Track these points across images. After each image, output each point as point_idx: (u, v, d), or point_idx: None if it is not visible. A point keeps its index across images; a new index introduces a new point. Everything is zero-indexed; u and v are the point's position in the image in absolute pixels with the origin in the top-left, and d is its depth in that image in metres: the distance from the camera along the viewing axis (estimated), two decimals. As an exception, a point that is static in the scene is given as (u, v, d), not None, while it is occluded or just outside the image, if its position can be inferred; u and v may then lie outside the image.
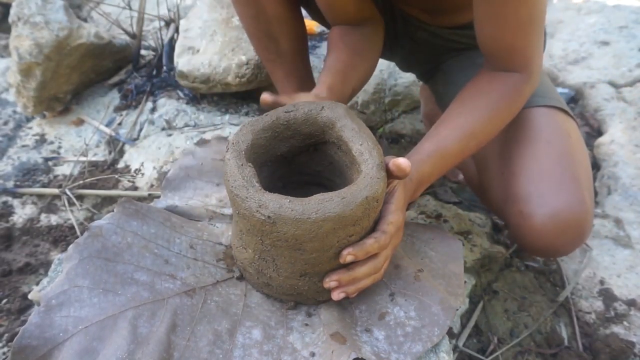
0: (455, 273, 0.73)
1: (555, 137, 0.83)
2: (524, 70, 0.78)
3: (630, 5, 1.84)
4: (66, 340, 0.59)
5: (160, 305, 0.64)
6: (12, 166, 1.39)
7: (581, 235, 0.80)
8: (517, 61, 0.77)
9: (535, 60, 0.78)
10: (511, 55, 0.77)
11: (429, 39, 1.03)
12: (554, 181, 0.79)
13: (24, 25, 1.37)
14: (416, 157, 0.73)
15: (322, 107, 0.68)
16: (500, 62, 0.79)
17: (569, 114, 0.89)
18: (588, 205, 0.78)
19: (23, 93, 1.45)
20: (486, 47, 0.79)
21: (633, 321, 0.98)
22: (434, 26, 1.00)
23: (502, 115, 0.79)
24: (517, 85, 0.78)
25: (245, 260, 0.68)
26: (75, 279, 0.64)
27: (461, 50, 1.02)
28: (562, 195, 0.78)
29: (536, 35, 0.76)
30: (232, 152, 0.64)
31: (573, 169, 0.80)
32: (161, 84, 1.58)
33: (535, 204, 0.78)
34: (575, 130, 0.87)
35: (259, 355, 0.62)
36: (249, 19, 1.01)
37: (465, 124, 0.76)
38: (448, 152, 0.75)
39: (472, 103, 0.78)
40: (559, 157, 0.81)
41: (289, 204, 0.58)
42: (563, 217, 0.77)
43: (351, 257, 0.61)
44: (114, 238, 0.70)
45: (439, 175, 0.78)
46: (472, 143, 0.77)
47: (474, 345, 0.96)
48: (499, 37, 0.76)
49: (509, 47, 0.76)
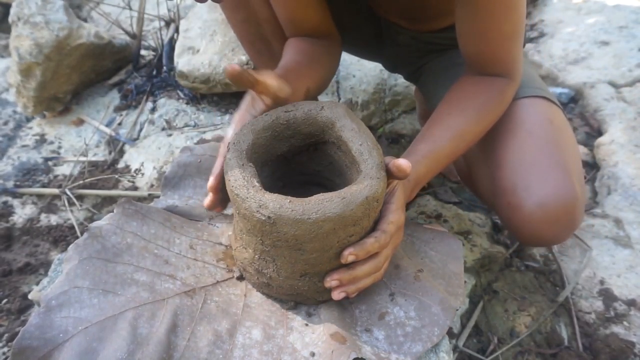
0: (455, 273, 0.73)
1: (537, 126, 0.83)
2: (506, 75, 0.81)
3: (630, 5, 1.84)
4: (66, 341, 0.59)
5: (160, 305, 0.64)
6: (12, 166, 1.39)
7: (572, 222, 0.79)
8: (500, 69, 0.81)
9: (517, 66, 0.82)
10: (494, 65, 0.80)
11: (411, 42, 1.04)
12: (539, 170, 0.78)
13: (24, 25, 1.37)
14: (412, 158, 0.73)
15: (322, 107, 0.68)
16: (483, 70, 0.81)
17: (551, 100, 0.88)
18: (577, 192, 0.77)
19: (23, 93, 1.45)
20: (470, 58, 0.82)
21: (633, 321, 0.98)
22: (414, 31, 1.01)
23: (489, 117, 0.81)
24: (501, 89, 0.81)
25: (245, 260, 0.68)
26: (75, 279, 0.64)
27: (443, 51, 1.03)
28: (549, 184, 0.77)
29: (518, 45, 0.79)
30: (233, 152, 0.64)
31: (558, 157, 0.79)
32: (161, 84, 1.58)
33: (522, 195, 0.78)
34: (559, 117, 0.86)
35: (259, 355, 0.62)
36: (239, 23, 1.01)
37: (455, 125, 0.77)
38: (441, 152, 0.76)
39: (460, 105, 0.80)
40: (542, 146, 0.80)
41: (289, 204, 0.58)
42: (551, 206, 0.76)
43: (352, 257, 0.61)
44: (113, 239, 0.70)
45: (432, 176, 0.78)
46: (462, 144, 0.78)
47: (474, 345, 0.96)
48: (483, 51, 0.79)
49: (493, 58, 0.79)
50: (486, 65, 0.81)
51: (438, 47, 1.03)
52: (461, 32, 0.80)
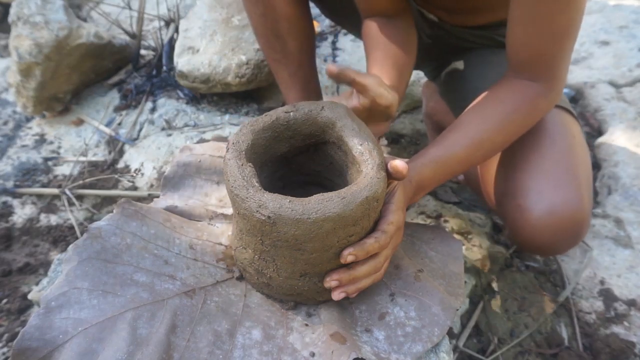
0: (455, 273, 0.73)
1: (559, 136, 0.83)
2: (546, 81, 0.76)
3: (630, 5, 1.84)
4: (66, 342, 0.58)
5: (160, 306, 0.64)
6: (11, 166, 1.39)
7: (578, 234, 0.80)
8: (542, 70, 0.75)
9: (560, 73, 0.76)
10: (537, 63, 0.75)
11: (444, 37, 1.03)
12: (554, 178, 0.79)
13: (23, 25, 1.37)
14: (419, 161, 0.73)
15: (322, 107, 0.68)
16: (524, 69, 0.76)
17: (574, 115, 0.89)
18: (586, 205, 0.78)
19: (23, 93, 1.45)
20: (513, 51, 0.77)
21: (633, 321, 0.98)
22: (451, 25, 0.99)
23: (514, 128, 0.77)
24: (535, 98, 0.76)
25: (245, 261, 0.68)
26: (74, 280, 0.64)
27: (473, 49, 1.02)
28: (561, 193, 0.77)
29: (567, 46, 0.73)
30: (232, 152, 0.64)
31: (574, 169, 0.80)
32: (161, 84, 1.58)
33: (533, 199, 0.78)
34: (579, 132, 0.87)
35: (259, 355, 0.62)
36: (257, 17, 1.01)
37: (473, 133, 0.75)
38: (452, 159, 0.74)
39: (485, 111, 0.77)
40: (562, 156, 0.81)
41: (289, 204, 0.58)
42: (560, 214, 0.77)
43: (352, 257, 0.61)
44: (113, 239, 0.70)
45: (441, 181, 0.77)
46: (479, 153, 0.76)
47: (474, 346, 0.96)
48: (529, 43, 0.73)
49: (537, 54, 0.74)
50: (527, 63, 0.75)
51: (470, 45, 1.02)
52: (511, 18, 0.74)
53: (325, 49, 1.76)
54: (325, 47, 1.77)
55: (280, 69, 1.06)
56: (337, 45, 1.77)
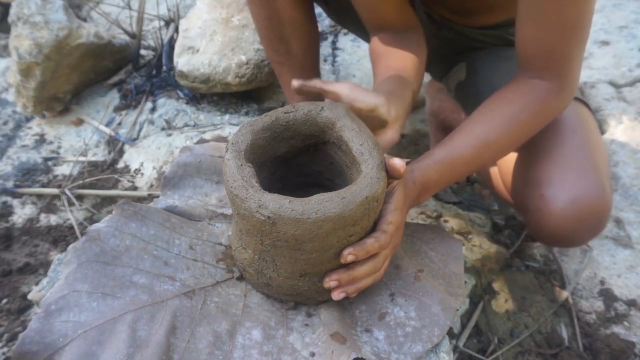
0: (455, 273, 0.73)
1: (579, 127, 0.83)
2: (557, 79, 0.74)
3: (630, 5, 1.84)
4: (66, 345, 0.58)
5: (160, 307, 0.64)
6: (11, 166, 1.39)
7: (599, 224, 0.80)
8: (551, 67, 0.73)
9: (572, 71, 0.74)
10: (546, 60, 0.72)
11: (453, 38, 1.02)
12: (576, 168, 0.79)
13: (23, 25, 1.37)
14: (424, 162, 0.72)
15: (322, 108, 0.68)
16: (533, 67, 0.74)
17: (590, 108, 0.89)
18: (608, 195, 0.79)
19: (23, 93, 1.45)
20: (522, 48, 0.75)
21: (633, 321, 0.98)
22: (461, 25, 0.98)
23: (523, 128, 0.76)
24: (544, 97, 0.74)
25: (245, 261, 0.68)
26: (74, 283, 0.64)
27: (483, 48, 1.01)
28: (584, 182, 0.78)
29: (578, 42, 0.71)
30: (232, 152, 0.64)
31: (595, 159, 0.80)
32: (161, 84, 1.58)
33: (557, 188, 0.78)
34: (596, 125, 0.88)
35: (259, 355, 0.62)
36: (262, 20, 1.01)
37: (480, 134, 0.74)
38: (458, 160, 0.73)
39: (492, 112, 0.75)
40: (582, 146, 0.81)
41: (289, 204, 0.58)
42: (584, 203, 0.77)
43: (352, 257, 0.61)
44: (112, 241, 0.70)
45: (447, 183, 0.76)
46: (486, 154, 0.75)
47: (474, 346, 0.96)
48: (538, 37, 0.71)
49: (546, 49, 0.72)
50: (537, 60, 0.73)
51: (480, 45, 1.01)
52: (520, 13, 0.72)
53: (325, 49, 1.76)
54: (325, 47, 1.77)
55: (284, 72, 1.06)
56: (337, 45, 1.77)
